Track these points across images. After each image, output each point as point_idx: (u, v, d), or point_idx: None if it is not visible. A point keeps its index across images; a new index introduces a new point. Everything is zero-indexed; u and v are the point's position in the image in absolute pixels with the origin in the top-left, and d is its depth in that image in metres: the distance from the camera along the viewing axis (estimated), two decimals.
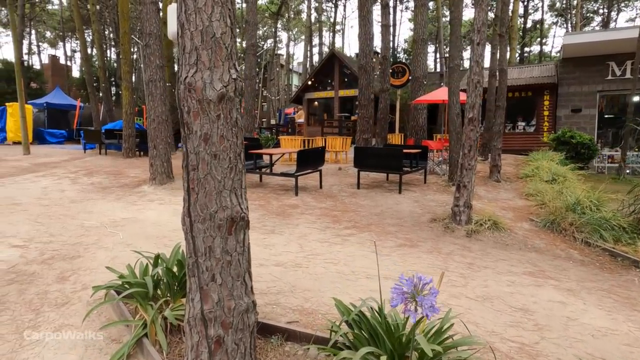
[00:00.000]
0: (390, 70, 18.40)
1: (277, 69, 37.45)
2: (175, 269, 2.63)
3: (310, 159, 7.60)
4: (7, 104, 18.56)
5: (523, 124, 16.19)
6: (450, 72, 8.40)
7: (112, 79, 31.66)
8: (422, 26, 11.97)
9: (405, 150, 7.78)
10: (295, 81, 46.44)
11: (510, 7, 11.49)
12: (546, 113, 15.50)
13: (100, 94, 19.82)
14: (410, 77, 16.88)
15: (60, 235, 4.64)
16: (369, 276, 3.87)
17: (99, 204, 6.34)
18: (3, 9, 37.44)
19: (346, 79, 21.62)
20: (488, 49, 12.93)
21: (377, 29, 13.58)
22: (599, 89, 14.53)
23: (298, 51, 71.72)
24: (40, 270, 3.64)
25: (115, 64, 33.50)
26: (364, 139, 10.12)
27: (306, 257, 4.36)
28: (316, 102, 23.57)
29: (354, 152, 8.03)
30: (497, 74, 9.42)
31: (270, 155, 7.96)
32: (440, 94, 10.31)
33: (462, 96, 10.54)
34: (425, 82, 12.26)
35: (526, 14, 40.62)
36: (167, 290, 2.56)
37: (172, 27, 2.75)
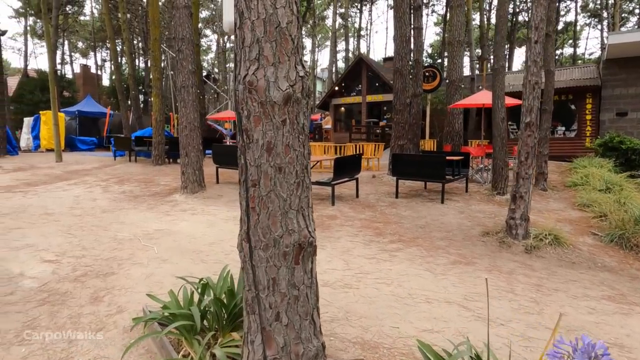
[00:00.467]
0: (423, 74, 17.90)
1: None
2: (223, 296, 2.29)
3: (347, 167, 7.24)
4: (41, 112, 18.96)
5: (562, 128, 15.40)
6: (494, 74, 7.91)
7: (140, 87, 32.18)
8: (457, 27, 11.48)
9: (447, 158, 7.31)
10: (319, 87, 46.31)
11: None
12: (588, 117, 14.68)
13: (130, 102, 20.03)
14: (441, 82, 16.37)
15: (93, 248, 4.40)
16: (429, 300, 3.45)
17: (131, 214, 6.13)
18: (38, 21, 38.78)
19: (374, 84, 21.23)
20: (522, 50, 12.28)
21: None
22: None
23: (321, 58, 71.71)
24: (73, 289, 3.38)
25: (143, 73, 34.09)
26: (399, 146, 9.69)
27: (354, 275, 3.97)
28: (342, 108, 23.25)
29: (392, 159, 7.62)
30: (543, 75, 8.83)
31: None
32: (480, 98, 9.79)
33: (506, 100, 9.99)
34: (462, 86, 11.73)
35: (558, 15, 39.37)
36: (214, 322, 2.22)
37: (228, 17, 2.43)
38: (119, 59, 21.91)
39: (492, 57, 9.02)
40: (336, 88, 21.98)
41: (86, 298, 3.24)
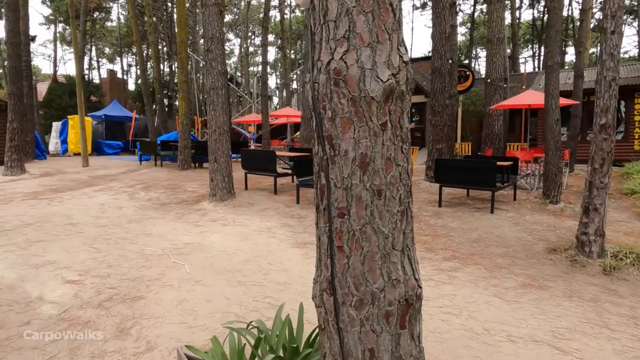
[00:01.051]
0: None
1: None
2: (281, 351, 1.79)
3: None
4: (68, 116, 19.08)
5: None
6: (547, 71, 7.23)
7: (165, 90, 32.36)
8: (498, 24, 10.79)
9: (498, 163, 6.68)
10: None
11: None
12: (637, 118, 13.68)
13: (155, 106, 19.99)
14: (473, 82, 15.63)
15: (119, 265, 4.00)
16: (511, 338, 2.88)
17: (158, 224, 5.74)
18: (67, 27, 39.64)
19: None
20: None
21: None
22: None
23: None
24: (97, 318, 2.95)
25: (167, 77, 34.29)
26: (437, 150, 9.07)
27: None
28: None
29: (435, 165, 7.03)
30: (622, 71, 8.08)
31: None
32: (525, 98, 9.08)
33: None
34: (504, 85, 11.02)
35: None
36: None
37: None
38: (145, 62, 21.96)
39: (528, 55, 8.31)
40: None
41: (111, 330, 2.81)
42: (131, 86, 44.82)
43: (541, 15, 34.80)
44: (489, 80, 10.89)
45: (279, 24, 27.76)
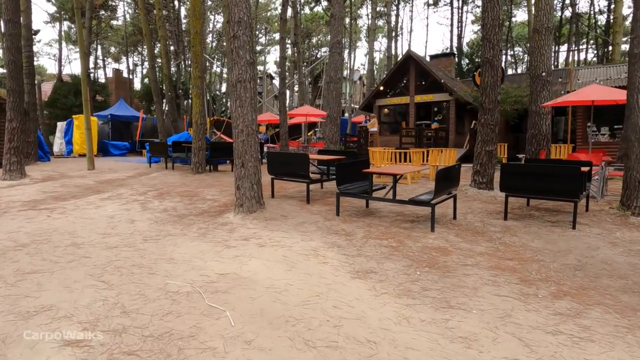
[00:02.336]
0: (480, 71, 16.10)
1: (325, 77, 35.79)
2: None
3: (448, 180, 5.66)
4: (73, 116, 18.17)
5: None
6: (631, 60, 6.16)
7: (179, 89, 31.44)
8: (546, 12, 9.69)
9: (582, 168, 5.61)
10: (349, 89, 44.68)
11: None
12: None
13: (164, 105, 19.05)
14: (503, 78, 14.55)
15: (138, 312, 2.97)
16: None
17: (180, 243, 4.72)
18: (72, 26, 38.87)
19: (423, 83, 19.51)
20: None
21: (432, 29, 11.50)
22: None
23: (350, 59, 69.71)
24: None
25: (175, 76, 33.37)
26: (487, 152, 8.01)
27: None
28: (386, 109, 21.61)
29: (501, 171, 5.97)
30: None
31: (394, 176, 6.04)
32: (589, 93, 7.97)
33: (616, 94, 8.17)
34: (549, 80, 9.93)
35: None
36: None
37: None
38: (154, 59, 20.95)
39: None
40: (381, 88, 20.36)
41: None
42: (137, 85, 44.01)
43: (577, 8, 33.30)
44: (545, 74, 9.79)
45: (291, 19, 26.74)
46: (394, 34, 37.05)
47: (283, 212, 6.29)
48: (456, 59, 27.44)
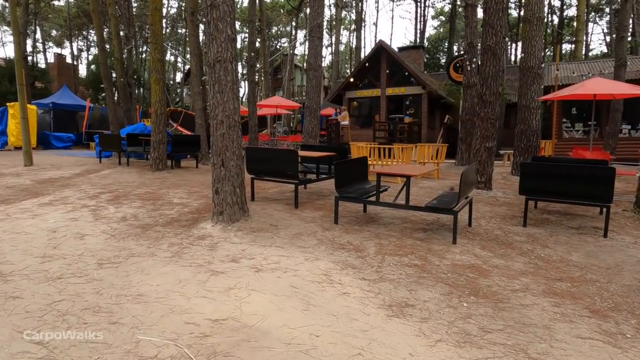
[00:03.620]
0: (454, 64, 15.66)
1: (289, 68, 34.63)
2: None
3: (471, 181, 4.88)
4: (8, 104, 16.00)
5: (629, 127, 13.38)
6: None
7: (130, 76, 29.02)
8: (538, 1, 9.20)
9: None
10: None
11: None
12: None
13: (116, 92, 17.19)
14: (478, 69, 14.11)
15: None
16: None
17: (148, 269, 3.61)
18: (6, 3, 35.04)
19: (395, 76, 18.89)
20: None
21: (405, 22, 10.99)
22: None
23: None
24: None
25: (126, 63, 30.87)
26: (487, 149, 7.36)
27: None
28: (356, 102, 20.86)
29: (521, 169, 5.26)
30: None
31: (408, 177, 5.15)
32: (590, 87, 7.47)
33: (625, 89, 7.78)
34: (540, 73, 9.47)
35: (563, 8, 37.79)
36: None
37: None
38: (103, 41, 18.70)
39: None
40: (352, 79, 19.53)
41: None
42: (83, 72, 40.71)
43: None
44: (529, 67, 9.29)
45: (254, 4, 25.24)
46: (362, 25, 36.36)
47: (271, 221, 5.26)
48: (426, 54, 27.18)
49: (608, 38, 41.47)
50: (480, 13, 10.73)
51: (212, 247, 4.26)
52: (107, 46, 26.11)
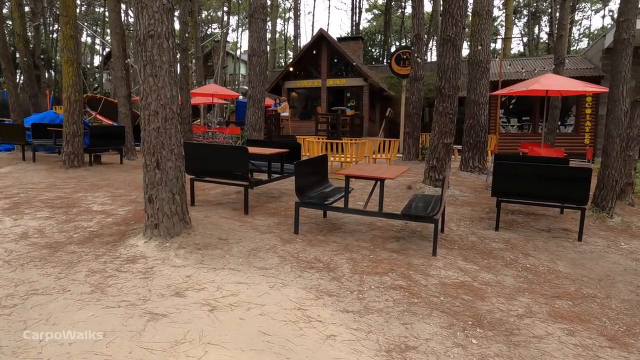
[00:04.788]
0: (396, 56, 15.49)
1: (222, 54, 32.96)
2: None
3: (445, 183, 4.38)
4: None
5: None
6: (618, 48, 5.55)
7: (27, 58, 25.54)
8: None
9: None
10: (243, 71, 42.06)
11: None
12: (588, 111, 13.45)
13: (20, 74, 14.78)
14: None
15: None
16: None
17: (57, 314, 2.63)
18: None
19: (335, 66, 18.38)
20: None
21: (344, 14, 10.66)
22: None
23: (240, 39, 65.71)
24: None
25: (32, 42, 27.27)
26: (445, 145, 7.03)
27: None
28: (295, 93, 20.08)
29: (495, 170, 4.89)
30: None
31: (380, 180, 4.51)
32: (544, 83, 7.39)
33: (577, 85, 7.79)
34: (488, 67, 9.39)
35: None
36: None
37: None
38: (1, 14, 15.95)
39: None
40: (291, 69, 18.71)
41: None
42: None
43: None
44: (478, 61, 9.17)
45: None
46: (298, 13, 35.43)
47: (219, 233, 4.39)
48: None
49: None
50: (427, 5, 10.44)
51: (146, 273, 3.33)
52: (9, 22, 22.76)
